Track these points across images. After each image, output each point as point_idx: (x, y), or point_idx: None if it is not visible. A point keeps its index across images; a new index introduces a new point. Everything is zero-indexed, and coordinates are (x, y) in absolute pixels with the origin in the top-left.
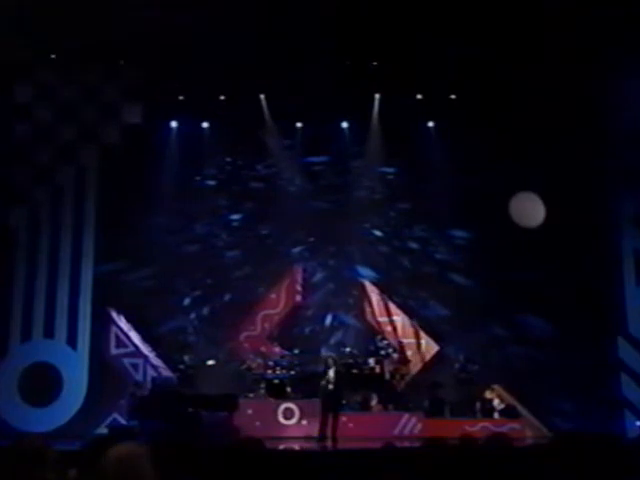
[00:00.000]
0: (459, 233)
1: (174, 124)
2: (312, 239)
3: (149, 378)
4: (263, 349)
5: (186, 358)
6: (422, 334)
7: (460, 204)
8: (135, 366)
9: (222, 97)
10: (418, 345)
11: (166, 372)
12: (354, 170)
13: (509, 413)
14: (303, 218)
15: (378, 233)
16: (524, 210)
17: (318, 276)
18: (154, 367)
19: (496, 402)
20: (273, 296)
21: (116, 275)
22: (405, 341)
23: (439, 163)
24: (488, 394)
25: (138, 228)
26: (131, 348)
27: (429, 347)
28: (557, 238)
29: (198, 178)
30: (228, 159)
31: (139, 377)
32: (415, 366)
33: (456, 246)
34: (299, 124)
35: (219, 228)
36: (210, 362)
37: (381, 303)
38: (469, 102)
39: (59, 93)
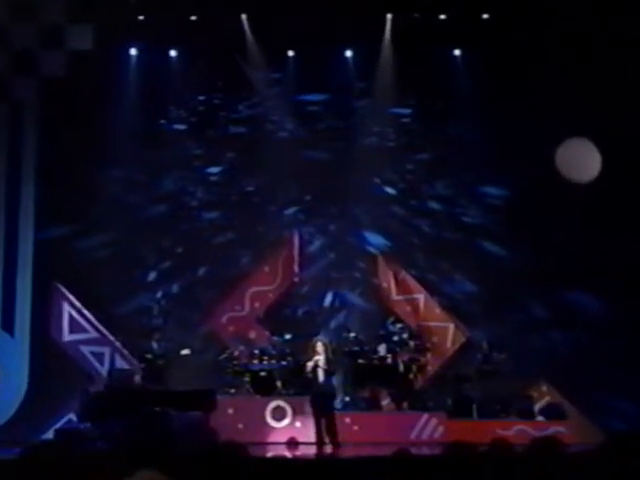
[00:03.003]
0: (492, 190)
1: (133, 51)
2: (308, 198)
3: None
4: (252, 335)
5: (152, 345)
6: (449, 316)
7: (494, 154)
8: (99, 356)
9: (193, 17)
10: (444, 330)
11: (128, 363)
12: (360, 111)
13: (553, 413)
14: (297, 171)
15: (390, 190)
16: (574, 161)
17: (316, 244)
18: (124, 357)
19: (539, 400)
20: (266, 269)
21: (63, 242)
22: (426, 325)
23: (467, 102)
24: (533, 392)
25: (90, 183)
26: (93, 333)
27: (457, 333)
28: (615, 196)
29: (164, 121)
30: (201, 97)
31: (104, 370)
32: (439, 356)
33: (488, 206)
34: (291, 52)
35: (192, 184)
36: (185, 352)
37: (396, 278)
38: (506, 23)
39: None
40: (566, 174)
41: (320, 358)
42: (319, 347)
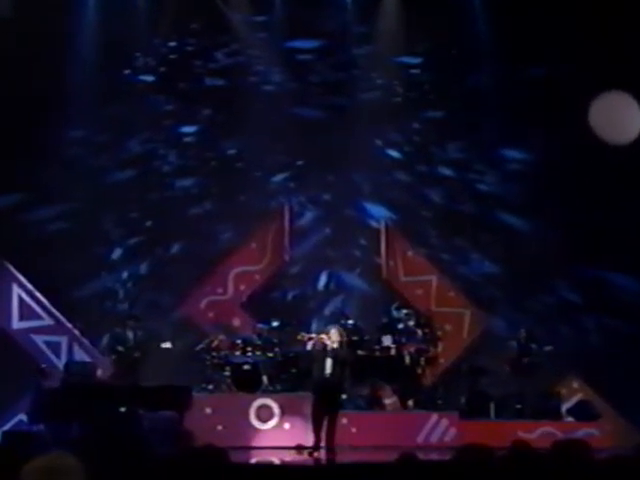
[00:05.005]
0: (513, 153)
1: None
2: (300, 162)
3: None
4: (235, 322)
5: (127, 335)
6: (465, 301)
7: (515, 110)
8: (54, 346)
9: None
10: (459, 317)
11: (89, 355)
12: (360, 60)
13: (584, 413)
14: (286, 132)
15: (395, 154)
16: (611, 118)
17: (308, 217)
18: (84, 348)
19: (568, 398)
20: (253, 246)
21: (11, 214)
22: (438, 311)
23: (486, 50)
24: (561, 388)
25: (43, 144)
26: (47, 320)
27: (475, 320)
28: None
29: (129, 71)
30: (172, 43)
31: (60, 362)
32: (452, 347)
33: (509, 173)
34: None
35: (163, 145)
36: (166, 345)
37: (403, 256)
38: None
39: None
40: (601, 134)
41: (333, 343)
42: (333, 335)
